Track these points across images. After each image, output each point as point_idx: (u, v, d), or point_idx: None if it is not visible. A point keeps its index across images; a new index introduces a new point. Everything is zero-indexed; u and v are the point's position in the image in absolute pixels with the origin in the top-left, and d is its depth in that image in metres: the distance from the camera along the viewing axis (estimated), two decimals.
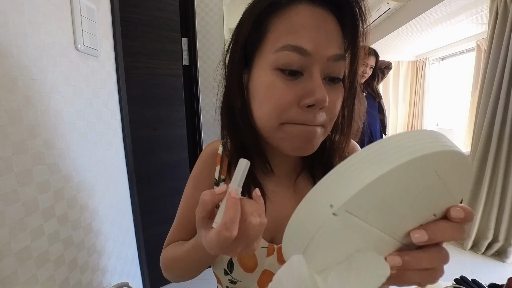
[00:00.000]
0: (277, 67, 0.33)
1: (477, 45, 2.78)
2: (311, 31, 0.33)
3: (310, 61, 0.33)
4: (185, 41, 1.56)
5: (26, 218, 0.49)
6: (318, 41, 0.33)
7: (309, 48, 0.32)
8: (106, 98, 0.82)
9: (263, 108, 0.36)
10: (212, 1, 1.63)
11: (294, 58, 0.32)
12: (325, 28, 0.33)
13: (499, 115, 1.86)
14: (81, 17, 0.67)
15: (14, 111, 0.47)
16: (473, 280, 0.67)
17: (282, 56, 0.33)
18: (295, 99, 0.33)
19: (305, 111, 0.34)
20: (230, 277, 0.46)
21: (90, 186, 0.71)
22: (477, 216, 2.00)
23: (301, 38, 0.32)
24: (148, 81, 1.36)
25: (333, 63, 0.34)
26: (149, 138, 1.39)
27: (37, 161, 0.52)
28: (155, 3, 1.35)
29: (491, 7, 1.88)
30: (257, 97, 0.36)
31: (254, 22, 0.35)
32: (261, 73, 0.35)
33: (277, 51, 0.33)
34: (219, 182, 0.47)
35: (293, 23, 0.33)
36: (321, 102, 0.32)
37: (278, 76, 0.34)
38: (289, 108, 0.34)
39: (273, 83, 0.34)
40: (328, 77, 0.35)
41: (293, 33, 0.33)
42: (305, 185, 0.46)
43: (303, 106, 0.33)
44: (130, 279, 0.90)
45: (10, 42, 0.47)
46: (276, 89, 0.34)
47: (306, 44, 0.32)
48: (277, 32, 0.34)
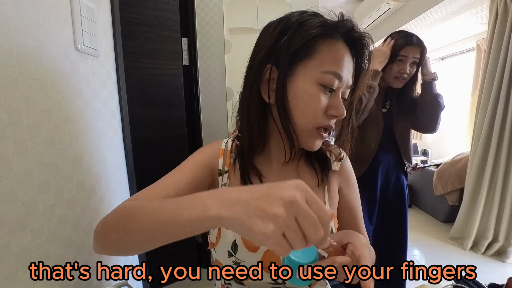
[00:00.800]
0: (321, 83, 0.45)
1: (477, 45, 2.78)
2: (345, 65, 0.46)
3: (340, 85, 0.47)
4: (185, 41, 1.56)
5: (26, 218, 0.49)
6: (346, 74, 0.47)
7: (344, 76, 0.46)
8: (106, 98, 0.82)
9: (304, 110, 0.46)
10: (212, 1, 1.64)
11: (335, 82, 0.45)
12: (350, 66, 0.48)
13: (499, 115, 1.86)
14: (81, 17, 0.67)
15: (14, 111, 0.47)
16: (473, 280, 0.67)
17: (327, 78, 0.45)
18: (325, 108, 0.46)
19: (328, 118, 0.47)
20: (234, 258, 0.49)
21: (90, 186, 0.71)
22: (477, 216, 2.00)
23: (341, 69, 0.45)
24: (148, 81, 1.36)
25: (346, 89, 0.49)
26: (149, 138, 1.39)
27: (37, 161, 0.52)
28: (155, 3, 1.35)
29: (491, 7, 1.88)
30: (299, 101, 0.46)
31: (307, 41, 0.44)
32: (306, 83, 0.46)
33: (324, 72, 0.45)
34: (223, 173, 0.53)
35: (337, 55, 0.45)
36: (341, 115, 0.47)
37: (320, 91, 0.45)
38: (320, 115, 0.46)
39: (316, 94, 0.45)
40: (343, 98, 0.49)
41: (337, 63, 0.45)
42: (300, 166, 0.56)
43: (329, 115, 0.47)
44: (130, 279, 0.90)
45: (10, 42, 0.47)
46: (317, 99, 0.45)
47: (343, 74, 0.46)
48: (324, 57, 0.45)
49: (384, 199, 1.26)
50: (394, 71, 1.11)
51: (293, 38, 0.45)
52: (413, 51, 1.08)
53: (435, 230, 2.42)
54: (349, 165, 0.61)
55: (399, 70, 1.10)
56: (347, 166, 0.60)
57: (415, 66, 1.11)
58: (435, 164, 2.85)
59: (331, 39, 0.45)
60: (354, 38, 0.47)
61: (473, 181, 2.05)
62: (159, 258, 1.49)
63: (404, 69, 1.09)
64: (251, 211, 0.25)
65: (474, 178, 2.04)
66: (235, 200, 0.27)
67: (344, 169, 0.59)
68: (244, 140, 0.52)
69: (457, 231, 2.19)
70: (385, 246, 1.22)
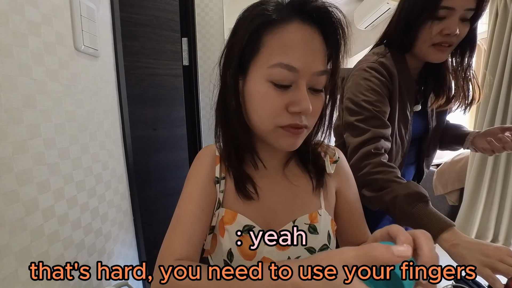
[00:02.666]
0: (270, 80, 0.40)
1: (477, 45, 2.78)
2: (300, 50, 0.38)
3: (298, 76, 0.39)
4: (185, 41, 1.56)
5: (26, 218, 0.49)
6: (306, 59, 0.39)
7: (298, 66, 0.38)
8: (106, 98, 0.82)
9: (259, 113, 0.42)
10: (212, 1, 1.63)
11: (285, 74, 0.39)
12: (312, 47, 0.39)
13: (499, 115, 1.86)
14: (81, 17, 0.67)
15: (14, 111, 0.47)
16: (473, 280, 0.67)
17: (275, 72, 0.39)
18: (284, 106, 0.40)
19: (293, 116, 0.41)
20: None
21: (90, 186, 0.71)
22: (477, 216, 2.00)
23: (292, 57, 0.38)
24: (148, 81, 1.36)
25: (317, 77, 0.41)
26: (149, 138, 1.39)
27: (37, 161, 0.52)
28: (155, 3, 1.35)
29: (491, 7, 1.88)
30: (253, 102, 0.42)
31: (249, 36, 0.40)
32: (256, 82, 0.41)
33: (270, 67, 0.39)
34: (220, 180, 0.50)
35: (285, 42, 0.38)
36: (305, 111, 0.40)
37: (271, 88, 0.40)
38: (280, 114, 0.41)
39: (267, 93, 0.40)
40: (312, 88, 0.42)
41: (285, 52, 0.38)
42: (295, 172, 0.53)
43: (291, 112, 0.40)
44: (130, 279, 0.90)
45: (10, 42, 0.47)
46: (269, 98, 0.40)
47: (296, 63, 0.38)
48: (270, 48, 0.39)
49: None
50: (433, 33, 0.66)
51: (237, 37, 0.41)
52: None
53: None
54: (346, 165, 0.59)
55: (441, 31, 0.66)
56: (343, 167, 0.57)
57: (467, 22, 0.66)
58: (435, 164, 2.84)
59: (278, 24, 0.39)
60: (311, 10, 0.39)
61: (473, 181, 2.05)
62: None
63: (451, 27, 0.64)
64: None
65: (474, 178, 2.04)
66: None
67: (341, 170, 0.56)
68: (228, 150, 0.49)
69: None
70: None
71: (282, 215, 0.50)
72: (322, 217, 0.50)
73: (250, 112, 0.44)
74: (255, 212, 0.49)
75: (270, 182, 0.51)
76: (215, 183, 0.50)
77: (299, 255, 0.48)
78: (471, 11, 0.64)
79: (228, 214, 0.48)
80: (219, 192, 0.50)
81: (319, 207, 0.51)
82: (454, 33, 0.65)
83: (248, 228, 0.47)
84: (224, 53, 0.45)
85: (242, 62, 0.43)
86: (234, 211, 0.48)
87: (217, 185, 0.50)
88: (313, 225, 0.49)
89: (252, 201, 0.49)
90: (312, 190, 0.52)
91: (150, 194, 1.40)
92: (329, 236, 0.50)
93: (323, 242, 0.49)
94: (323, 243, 0.49)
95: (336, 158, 0.55)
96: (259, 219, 0.48)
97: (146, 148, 1.37)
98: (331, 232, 0.51)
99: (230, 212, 0.48)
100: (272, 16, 0.39)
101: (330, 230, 0.51)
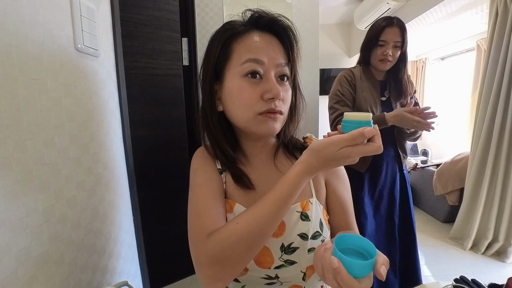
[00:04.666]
0: (244, 74, 0.48)
1: (477, 45, 2.78)
2: (263, 48, 0.48)
3: (265, 68, 0.48)
4: (185, 41, 1.56)
5: (26, 218, 0.49)
6: (269, 55, 0.48)
7: (263, 59, 0.48)
8: (106, 98, 0.82)
9: (238, 105, 0.49)
10: (212, 1, 1.63)
11: (255, 66, 0.47)
12: (272, 46, 0.49)
13: (499, 115, 1.86)
14: (81, 17, 0.67)
15: (14, 111, 0.47)
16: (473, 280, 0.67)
17: (246, 66, 0.47)
18: (259, 95, 0.48)
19: (268, 103, 0.48)
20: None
21: (90, 186, 0.71)
22: (477, 216, 2.00)
23: (257, 53, 0.48)
24: (148, 81, 1.36)
25: (281, 68, 0.50)
26: (149, 138, 1.39)
27: (37, 161, 0.52)
28: (155, 3, 1.35)
29: (491, 7, 1.88)
30: (232, 98, 0.50)
31: (221, 47, 0.50)
32: (232, 80, 0.49)
33: (242, 63, 0.48)
34: (222, 171, 0.56)
35: (250, 44, 0.49)
36: (277, 95, 0.47)
37: (246, 81, 0.48)
38: (256, 102, 0.48)
39: (242, 86, 0.48)
40: (279, 77, 0.50)
41: (251, 50, 0.48)
42: (283, 162, 0.58)
43: (266, 99, 0.48)
44: (130, 279, 0.90)
45: (10, 42, 0.47)
46: (244, 90, 0.48)
47: (261, 57, 0.48)
48: (239, 52, 0.48)
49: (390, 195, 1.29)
50: (377, 54, 1.19)
51: (211, 51, 0.51)
52: (393, 34, 1.15)
53: (435, 230, 2.42)
54: None
55: (382, 53, 1.17)
56: None
57: (398, 49, 1.18)
58: (435, 164, 2.85)
59: (242, 35, 0.49)
60: (264, 22, 0.50)
61: (473, 181, 2.05)
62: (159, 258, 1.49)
63: (387, 52, 1.16)
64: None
65: (474, 178, 2.04)
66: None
67: None
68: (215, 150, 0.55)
69: (457, 231, 2.19)
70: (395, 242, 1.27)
71: None
72: (314, 205, 0.53)
73: (231, 108, 0.51)
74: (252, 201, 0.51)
75: (262, 173, 0.56)
76: (219, 173, 0.55)
77: (292, 241, 0.51)
78: (398, 42, 1.17)
79: (228, 204, 0.53)
80: (224, 183, 0.55)
81: (310, 196, 0.55)
82: (389, 54, 1.17)
83: None
84: (201, 68, 0.54)
85: (217, 70, 0.51)
86: (233, 201, 0.53)
87: (221, 175, 0.55)
88: (305, 212, 0.52)
89: (250, 191, 0.54)
90: None
91: (150, 194, 1.40)
92: (321, 224, 0.53)
93: (315, 229, 0.52)
94: (315, 230, 0.52)
95: None
96: None
97: (146, 148, 1.37)
98: (324, 220, 0.54)
99: (229, 202, 0.53)
100: (237, 29, 0.50)
101: (322, 218, 0.54)
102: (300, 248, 0.50)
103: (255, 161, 0.57)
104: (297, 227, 0.51)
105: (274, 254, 0.50)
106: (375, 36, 1.18)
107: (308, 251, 0.50)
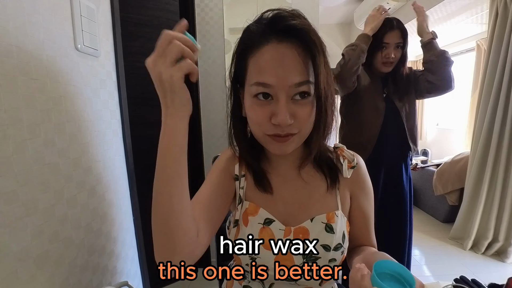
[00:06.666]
0: (253, 95, 0.46)
1: (477, 45, 2.78)
2: (273, 69, 0.43)
3: (274, 90, 0.44)
4: None
5: (26, 218, 0.49)
6: (279, 76, 0.43)
7: (271, 82, 0.43)
8: (106, 98, 0.82)
9: (250, 122, 0.49)
10: (212, 1, 1.63)
11: (262, 90, 0.45)
12: (286, 63, 0.43)
13: (499, 115, 1.86)
14: (81, 17, 0.67)
15: (14, 111, 0.47)
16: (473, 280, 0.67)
17: (253, 89, 0.45)
18: (268, 117, 0.45)
19: (275, 126, 0.45)
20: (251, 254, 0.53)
21: (90, 186, 0.71)
22: (477, 216, 2.00)
23: (265, 76, 0.44)
24: (148, 81, 1.35)
25: (297, 88, 0.44)
26: (149, 138, 1.38)
27: (37, 161, 0.52)
28: (155, 3, 1.35)
29: (491, 7, 1.88)
30: (247, 113, 0.49)
31: (237, 60, 0.49)
32: (245, 96, 0.48)
33: (251, 85, 0.46)
34: (239, 178, 0.56)
35: (261, 63, 0.44)
36: (282, 123, 0.44)
37: (254, 101, 0.46)
38: (264, 124, 0.46)
39: (252, 106, 0.47)
40: (298, 94, 0.45)
41: (260, 72, 0.44)
42: (309, 171, 0.57)
43: (273, 122, 0.45)
44: (130, 279, 0.90)
45: (10, 42, 0.47)
46: (253, 111, 0.47)
47: (270, 79, 0.43)
48: (250, 71, 0.46)
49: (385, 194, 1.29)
50: (380, 57, 1.23)
51: (232, 59, 0.51)
52: (394, 36, 1.19)
53: (435, 230, 2.42)
54: (365, 173, 0.60)
55: (385, 55, 1.21)
56: (362, 174, 0.59)
57: (400, 49, 1.22)
58: (435, 164, 2.84)
59: (256, 48, 0.45)
60: (281, 29, 0.43)
61: (473, 181, 2.05)
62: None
63: (389, 54, 1.20)
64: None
65: (474, 178, 2.04)
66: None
67: (358, 177, 0.58)
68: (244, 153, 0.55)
69: (457, 231, 2.18)
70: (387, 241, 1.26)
71: (298, 212, 0.54)
72: (339, 218, 0.53)
73: (248, 120, 0.51)
74: (273, 207, 0.55)
75: (285, 180, 0.56)
76: (235, 180, 0.56)
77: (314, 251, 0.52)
78: (400, 43, 1.21)
79: (251, 206, 0.54)
80: (239, 189, 0.56)
81: (336, 208, 0.55)
82: (391, 56, 1.21)
83: (268, 221, 0.53)
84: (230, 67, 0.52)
85: (239, 79, 0.50)
86: (257, 205, 0.54)
87: (236, 182, 0.56)
88: (330, 224, 0.52)
89: (270, 196, 0.55)
90: (326, 189, 0.56)
91: (150, 194, 1.40)
92: (343, 236, 0.53)
93: (338, 242, 0.52)
94: (337, 242, 0.52)
95: (354, 164, 0.56)
96: (277, 214, 0.54)
97: (146, 148, 1.36)
98: (346, 232, 0.54)
99: (253, 205, 0.54)
100: (253, 40, 0.45)
101: (345, 230, 0.54)
102: (322, 258, 0.51)
103: (279, 168, 0.57)
104: (321, 239, 0.51)
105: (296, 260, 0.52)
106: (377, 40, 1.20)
107: (329, 261, 0.51)
